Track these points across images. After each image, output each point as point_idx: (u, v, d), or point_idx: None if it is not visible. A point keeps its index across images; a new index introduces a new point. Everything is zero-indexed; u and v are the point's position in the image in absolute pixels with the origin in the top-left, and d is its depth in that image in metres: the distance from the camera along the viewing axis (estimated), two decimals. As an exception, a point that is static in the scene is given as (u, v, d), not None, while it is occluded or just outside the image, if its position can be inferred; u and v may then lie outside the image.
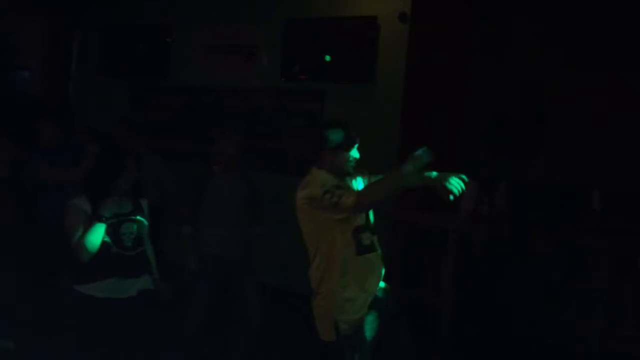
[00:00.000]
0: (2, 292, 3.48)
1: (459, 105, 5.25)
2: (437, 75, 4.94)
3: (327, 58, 4.88)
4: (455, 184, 2.27)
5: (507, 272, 4.73)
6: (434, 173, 2.33)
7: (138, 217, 2.80)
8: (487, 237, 4.85)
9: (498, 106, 5.52)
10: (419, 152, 2.29)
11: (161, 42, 5.85)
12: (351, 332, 2.57)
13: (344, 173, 2.70)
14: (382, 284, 2.73)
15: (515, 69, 5.35)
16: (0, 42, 5.93)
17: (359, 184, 2.76)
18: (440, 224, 4.64)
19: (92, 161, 3.25)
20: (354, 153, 2.68)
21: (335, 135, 2.66)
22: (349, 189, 2.59)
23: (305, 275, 2.72)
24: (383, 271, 2.73)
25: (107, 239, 2.62)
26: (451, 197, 2.28)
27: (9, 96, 5.82)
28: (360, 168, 2.80)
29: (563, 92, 5.32)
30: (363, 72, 4.74)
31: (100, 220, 2.59)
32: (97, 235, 2.58)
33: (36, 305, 3.59)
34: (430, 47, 4.78)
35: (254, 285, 3.62)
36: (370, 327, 2.61)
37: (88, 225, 2.58)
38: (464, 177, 2.31)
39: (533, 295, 4.72)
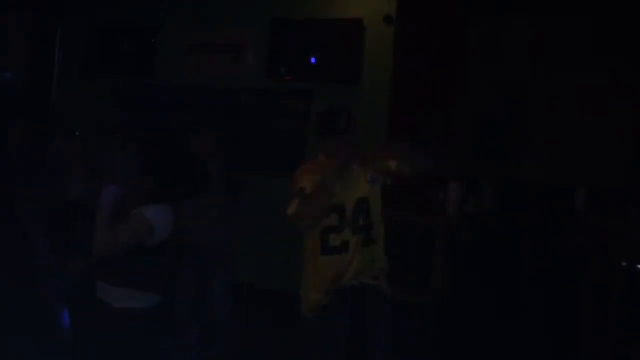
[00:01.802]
0: None
1: (445, 106, 5.27)
2: (423, 76, 4.96)
3: (314, 59, 4.87)
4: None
5: (494, 271, 4.76)
6: None
7: None
8: (474, 237, 4.88)
9: (484, 106, 5.55)
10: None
11: (146, 42, 5.80)
12: (311, 316, 2.67)
13: (348, 159, 2.63)
14: (370, 283, 2.71)
15: (500, 69, 5.38)
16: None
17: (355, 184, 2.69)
18: (428, 224, 4.65)
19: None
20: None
21: (329, 114, 2.69)
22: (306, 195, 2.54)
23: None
24: (358, 269, 2.67)
25: None
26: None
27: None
28: (366, 160, 2.71)
29: (548, 91, 5.37)
30: (349, 73, 4.75)
31: None
32: None
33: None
34: (416, 49, 4.79)
35: (227, 283, 3.62)
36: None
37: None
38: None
39: (520, 293, 4.77)
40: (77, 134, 3.87)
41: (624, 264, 3.84)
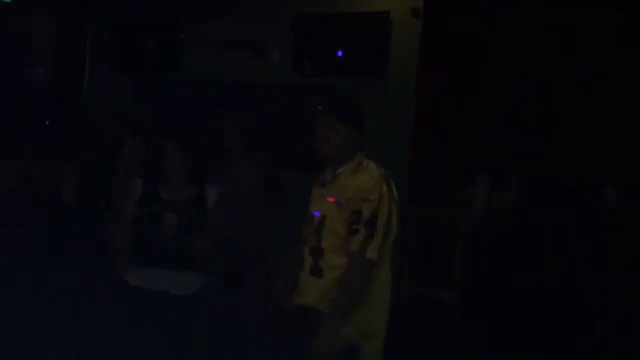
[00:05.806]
0: None
1: (471, 100, 5.23)
2: (449, 69, 4.93)
3: (340, 53, 4.86)
4: None
5: (518, 267, 4.72)
6: None
7: (187, 208, 2.74)
8: (499, 232, 4.84)
9: (510, 100, 5.50)
10: None
11: (172, 37, 5.84)
12: None
13: None
14: None
15: (527, 62, 5.32)
16: (12, 39, 5.94)
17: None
18: (453, 219, 4.63)
19: None
20: None
21: None
22: None
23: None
24: None
25: (147, 228, 2.67)
26: None
27: (20, 94, 5.83)
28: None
29: (576, 85, 5.29)
30: (375, 66, 4.72)
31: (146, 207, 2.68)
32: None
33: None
34: (442, 41, 4.76)
35: (261, 292, 3.45)
36: None
37: (137, 210, 2.69)
38: None
39: (545, 289, 4.72)
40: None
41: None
